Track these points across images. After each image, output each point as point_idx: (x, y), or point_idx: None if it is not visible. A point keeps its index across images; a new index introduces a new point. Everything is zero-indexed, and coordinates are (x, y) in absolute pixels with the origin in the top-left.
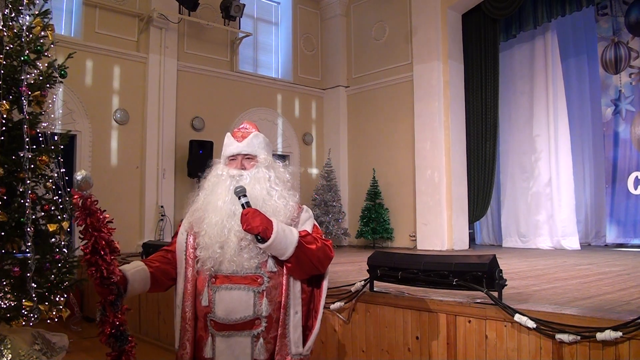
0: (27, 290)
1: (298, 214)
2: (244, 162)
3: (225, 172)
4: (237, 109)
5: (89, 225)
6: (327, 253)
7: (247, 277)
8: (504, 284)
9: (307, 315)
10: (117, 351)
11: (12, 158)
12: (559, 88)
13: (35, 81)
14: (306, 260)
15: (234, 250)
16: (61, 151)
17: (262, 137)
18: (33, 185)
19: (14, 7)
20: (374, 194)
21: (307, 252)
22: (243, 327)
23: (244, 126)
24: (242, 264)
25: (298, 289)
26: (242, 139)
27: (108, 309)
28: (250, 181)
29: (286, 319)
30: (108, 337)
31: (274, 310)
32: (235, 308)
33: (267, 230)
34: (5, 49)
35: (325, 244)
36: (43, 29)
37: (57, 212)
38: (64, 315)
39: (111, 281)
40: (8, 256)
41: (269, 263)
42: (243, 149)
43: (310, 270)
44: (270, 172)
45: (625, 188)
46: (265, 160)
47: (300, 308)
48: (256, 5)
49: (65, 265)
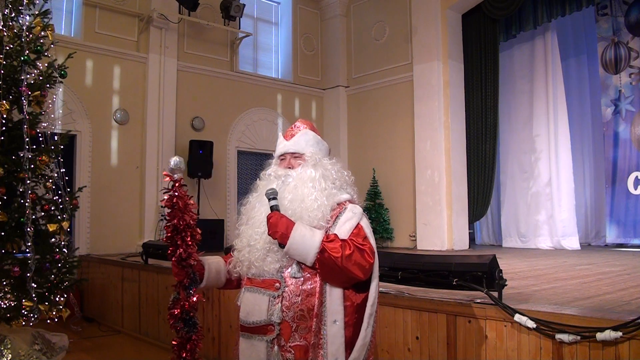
0: (27, 290)
1: (336, 214)
2: (291, 160)
3: (273, 172)
4: (237, 109)
5: (176, 205)
6: (363, 258)
7: (266, 281)
8: (504, 284)
9: (355, 324)
10: (183, 338)
11: (12, 158)
12: (559, 88)
13: (35, 81)
14: (332, 266)
15: (260, 253)
16: (61, 151)
17: (311, 134)
18: (33, 185)
19: (14, 7)
20: (374, 194)
21: (332, 257)
22: (258, 331)
23: (296, 124)
24: (263, 267)
25: (337, 296)
26: (291, 137)
27: (182, 293)
28: (293, 181)
29: (322, 329)
30: (177, 319)
31: (293, 318)
32: (252, 311)
33: (284, 236)
34: (5, 49)
35: (361, 249)
36: (43, 29)
37: (57, 212)
38: (64, 315)
39: (188, 263)
40: (8, 256)
41: (293, 268)
42: (290, 148)
43: (342, 278)
44: (318, 170)
45: (625, 188)
46: (312, 158)
47: (341, 317)
48: (256, 5)
49: (65, 265)
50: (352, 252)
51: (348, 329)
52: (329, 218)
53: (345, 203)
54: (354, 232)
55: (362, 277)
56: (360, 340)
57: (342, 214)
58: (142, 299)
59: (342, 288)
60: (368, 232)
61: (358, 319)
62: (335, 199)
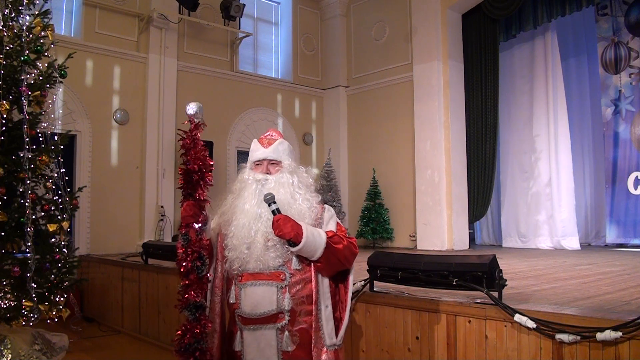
0: (27, 290)
1: (321, 214)
2: (269, 167)
3: (252, 177)
4: (237, 109)
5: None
6: (353, 250)
7: (272, 274)
8: (504, 284)
9: (334, 307)
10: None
11: (12, 158)
12: (559, 88)
13: (35, 81)
14: (334, 260)
15: (261, 250)
16: (61, 151)
17: (287, 144)
18: (33, 185)
19: (14, 7)
20: (374, 194)
21: (336, 251)
22: (268, 321)
23: (270, 133)
24: (267, 262)
25: (327, 284)
26: (269, 145)
27: (193, 235)
28: (274, 185)
29: (318, 313)
30: (192, 261)
31: (297, 304)
32: (259, 303)
33: (298, 236)
34: (5, 49)
35: (350, 242)
36: (43, 29)
37: (57, 212)
38: (64, 315)
39: (203, 204)
40: (8, 256)
41: (294, 261)
42: (269, 155)
43: (337, 268)
44: (294, 177)
45: (625, 188)
46: (289, 166)
47: (330, 302)
48: (256, 5)
49: (65, 265)
50: (347, 245)
51: (334, 311)
52: (319, 217)
53: (322, 205)
54: (338, 228)
55: (350, 266)
56: (345, 319)
57: (324, 213)
58: (142, 299)
59: (329, 277)
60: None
61: (333, 302)
62: (317, 200)
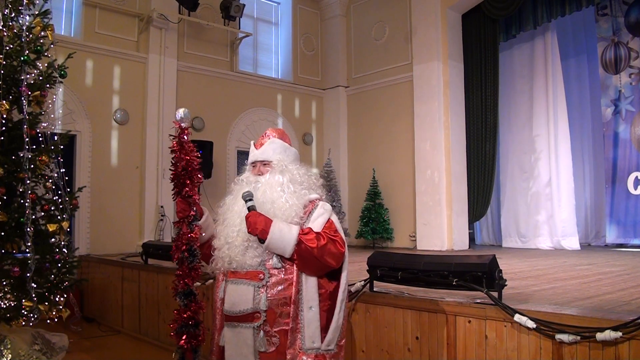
0: (27, 290)
1: (308, 211)
2: (261, 168)
3: (246, 179)
4: (237, 109)
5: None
6: (334, 249)
7: (249, 272)
8: (504, 284)
9: (329, 310)
10: (187, 269)
11: (12, 158)
12: (559, 88)
13: (35, 81)
14: (309, 257)
15: (239, 249)
16: (61, 151)
17: (279, 142)
18: (33, 185)
19: (14, 7)
20: (374, 194)
21: (308, 248)
22: (245, 319)
23: (266, 133)
24: (245, 262)
25: (312, 285)
26: (260, 146)
27: (184, 226)
28: (262, 186)
29: (298, 314)
30: (182, 252)
31: (277, 305)
32: (237, 301)
33: (264, 232)
34: (5, 49)
35: (333, 240)
36: (43, 29)
37: (57, 212)
38: (64, 315)
39: (193, 200)
40: (8, 256)
41: (274, 260)
42: (259, 156)
43: (318, 266)
44: (285, 175)
45: (625, 188)
46: (279, 165)
47: (316, 304)
48: (256, 5)
49: (65, 265)
50: (327, 243)
51: (323, 314)
52: (302, 215)
53: (316, 201)
54: (326, 225)
55: (335, 265)
56: (333, 323)
57: (314, 210)
58: (142, 299)
59: (317, 277)
60: (338, 226)
61: (331, 305)
62: (305, 198)
